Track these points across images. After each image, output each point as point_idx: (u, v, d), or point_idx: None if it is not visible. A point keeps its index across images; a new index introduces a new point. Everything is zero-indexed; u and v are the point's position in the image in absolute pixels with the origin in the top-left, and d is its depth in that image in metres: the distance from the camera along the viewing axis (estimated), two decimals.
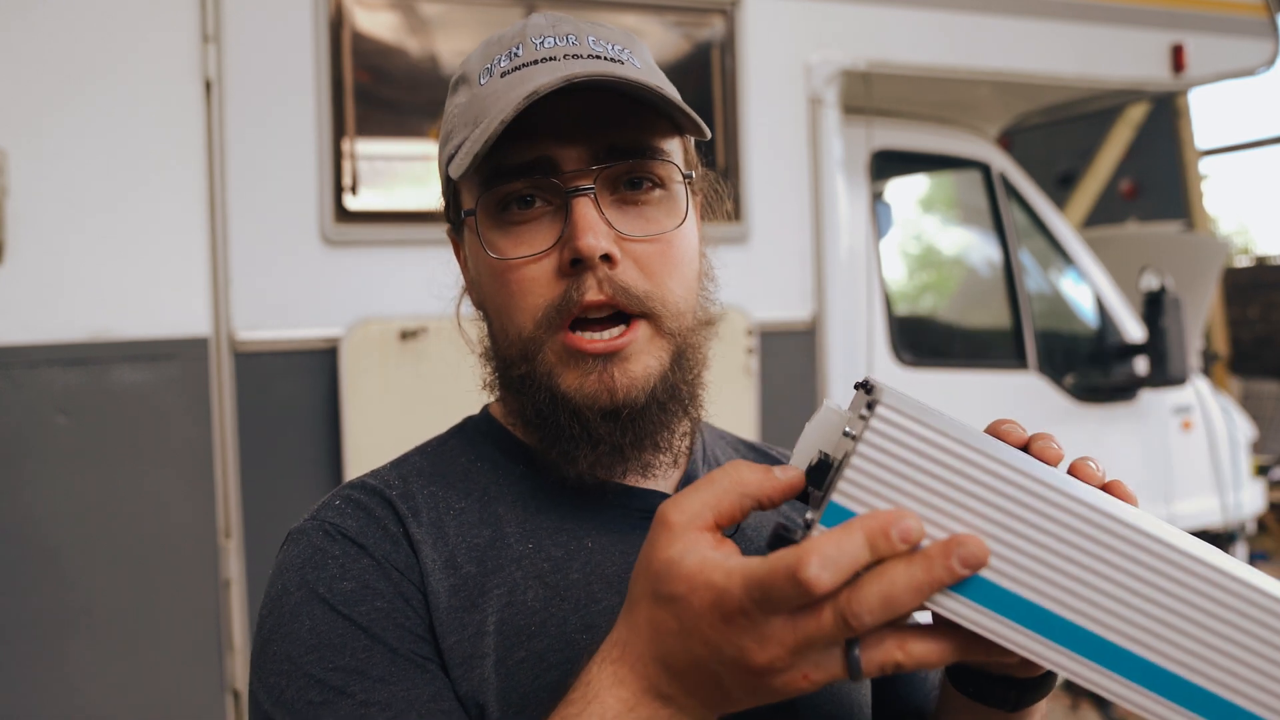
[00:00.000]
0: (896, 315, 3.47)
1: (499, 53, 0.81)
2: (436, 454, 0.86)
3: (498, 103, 0.76)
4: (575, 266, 0.75)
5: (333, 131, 2.42)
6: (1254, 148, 8.41)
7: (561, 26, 0.81)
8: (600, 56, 0.79)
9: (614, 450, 0.78)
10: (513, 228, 0.77)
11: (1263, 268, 8.08)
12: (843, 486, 0.54)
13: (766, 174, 2.89)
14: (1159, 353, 3.51)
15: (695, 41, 2.83)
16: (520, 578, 0.76)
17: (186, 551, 2.32)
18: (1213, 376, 5.97)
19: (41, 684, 2.20)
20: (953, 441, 0.53)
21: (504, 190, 0.77)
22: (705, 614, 0.55)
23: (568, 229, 0.75)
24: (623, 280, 0.76)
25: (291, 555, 0.76)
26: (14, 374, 2.20)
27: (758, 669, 0.54)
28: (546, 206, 0.77)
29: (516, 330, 0.78)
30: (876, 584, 0.51)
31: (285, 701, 0.70)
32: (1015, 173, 3.73)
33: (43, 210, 2.22)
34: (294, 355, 2.42)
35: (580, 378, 0.76)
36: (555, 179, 0.76)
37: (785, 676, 0.54)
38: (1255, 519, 4.59)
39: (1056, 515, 0.54)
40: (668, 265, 0.79)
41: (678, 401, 0.80)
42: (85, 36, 2.25)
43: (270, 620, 0.74)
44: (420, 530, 0.77)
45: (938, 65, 3.14)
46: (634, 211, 0.78)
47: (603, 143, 0.77)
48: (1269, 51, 3.78)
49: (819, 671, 0.54)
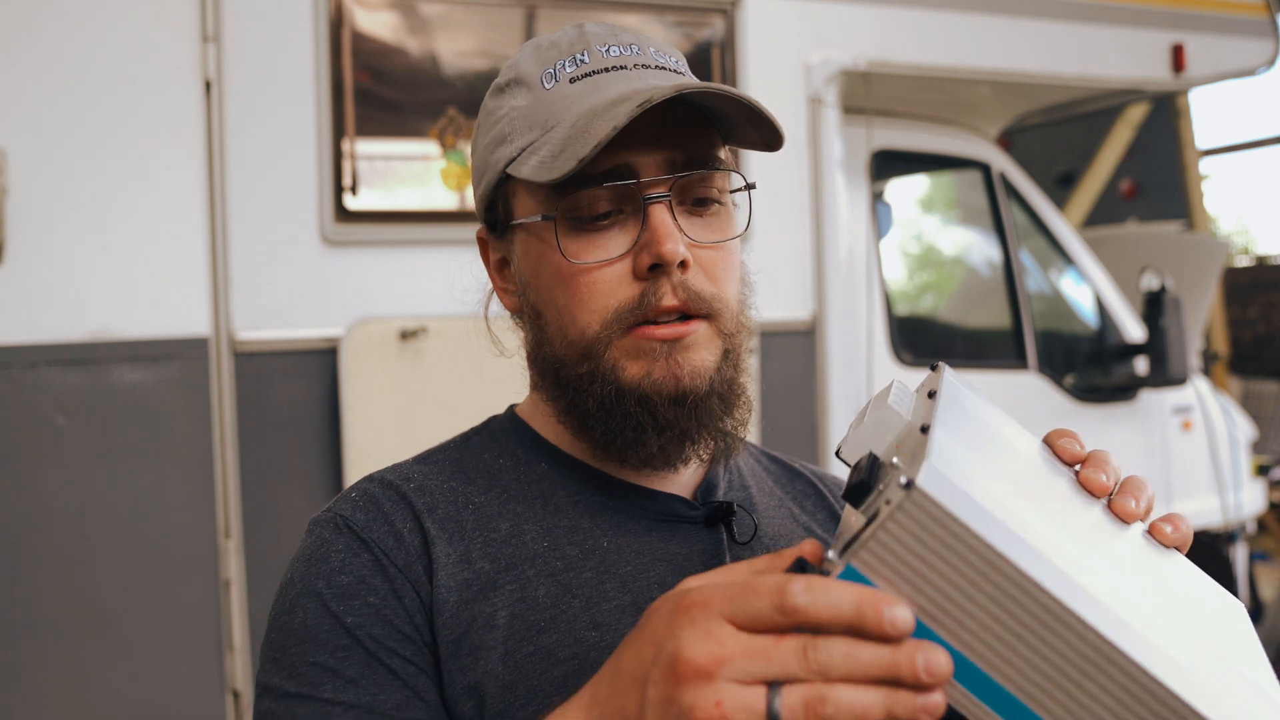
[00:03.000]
0: (896, 315, 3.47)
1: (559, 58, 0.82)
2: (459, 450, 0.87)
3: (571, 109, 0.78)
4: (653, 271, 0.77)
5: (333, 131, 2.42)
6: (1254, 148, 8.40)
7: (623, 36, 0.84)
8: (665, 68, 0.83)
9: (680, 436, 0.79)
10: (586, 233, 0.79)
11: (1263, 268, 8.07)
12: (864, 556, 0.53)
13: (766, 174, 2.89)
14: (1159, 353, 3.51)
15: (695, 41, 2.83)
16: (533, 574, 0.78)
17: (186, 551, 2.32)
18: (1213, 376, 5.97)
19: (41, 684, 2.20)
20: (979, 543, 0.53)
21: (585, 195, 0.78)
22: (663, 607, 0.55)
23: (645, 234, 0.77)
24: (694, 285, 0.78)
25: (305, 545, 0.80)
26: (14, 374, 2.20)
27: (684, 668, 0.51)
28: (618, 215, 0.79)
29: (580, 330, 0.79)
30: (845, 643, 0.51)
31: (268, 687, 0.74)
32: (1015, 173, 3.73)
33: (43, 210, 2.22)
34: (294, 355, 2.42)
35: (647, 366, 0.78)
36: (634, 186, 0.78)
37: (701, 693, 0.51)
38: (1255, 519, 4.59)
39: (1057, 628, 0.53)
40: (729, 270, 0.82)
41: (733, 395, 0.82)
42: (85, 36, 2.25)
43: (276, 606, 0.78)
44: (435, 524, 0.78)
45: (938, 65, 3.14)
46: (700, 220, 0.81)
47: (678, 152, 0.79)
48: (1269, 51, 3.78)
49: (735, 705, 0.50)
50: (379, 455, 0.93)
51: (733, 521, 0.85)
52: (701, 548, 0.83)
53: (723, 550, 0.83)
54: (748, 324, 0.85)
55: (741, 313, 0.84)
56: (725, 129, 0.83)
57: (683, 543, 0.82)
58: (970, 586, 0.53)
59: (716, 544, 0.83)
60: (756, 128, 0.81)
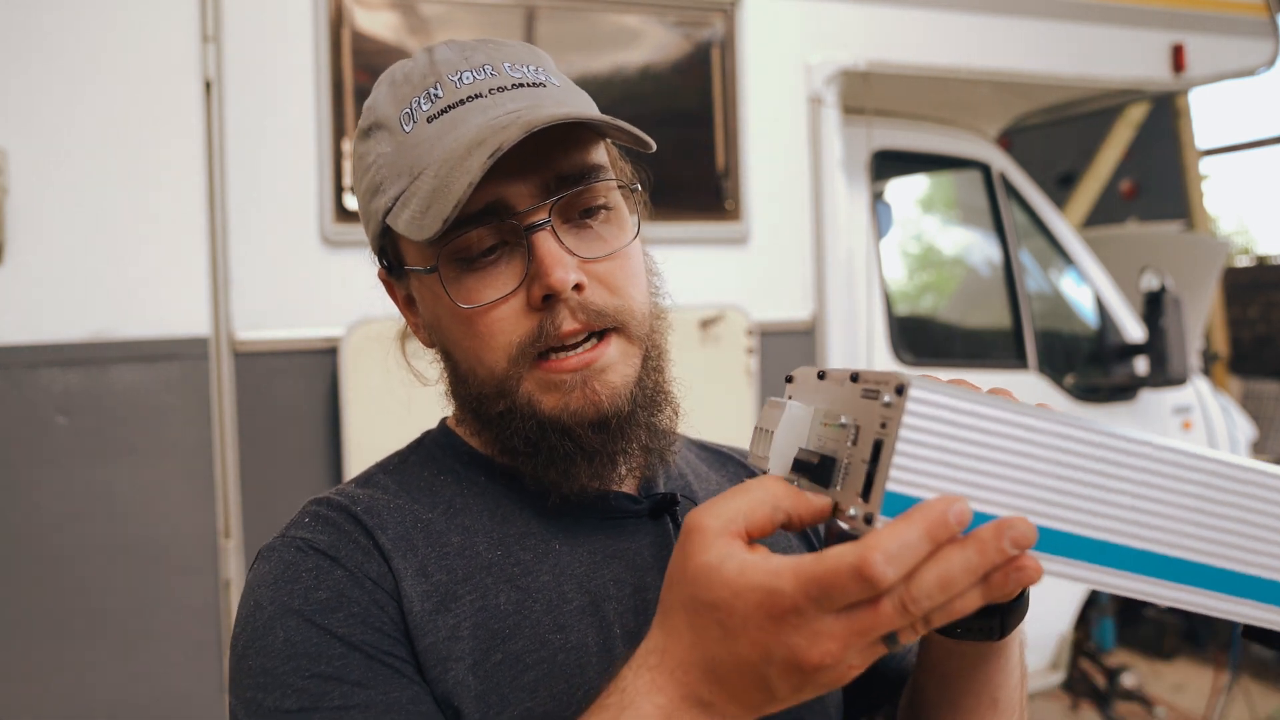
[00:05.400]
0: (896, 315, 3.46)
1: (414, 95, 0.79)
2: (399, 470, 0.87)
3: (432, 152, 0.76)
4: (547, 301, 0.76)
5: (333, 131, 2.42)
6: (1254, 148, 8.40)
7: (475, 57, 0.80)
8: (522, 84, 0.80)
9: (608, 459, 0.79)
10: (474, 273, 0.77)
11: (1263, 268, 8.06)
12: (896, 475, 0.54)
13: (766, 174, 2.89)
14: (1159, 353, 3.51)
15: (695, 41, 2.83)
16: (491, 582, 0.77)
17: (186, 551, 2.32)
18: (1213, 376, 5.97)
19: (41, 684, 2.20)
20: (989, 411, 0.55)
21: (464, 240, 0.76)
22: (752, 616, 0.55)
23: (533, 266, 0.75)
24: (593, 303, 0.77)
25: (262, 572, 0.77)
26: (14, 374, 2.19)
27: (810, 667, 0.54)
28: (504, 247, 0.77)
29: (488, 369, 0.78)
30: (934, 570, 0.52)
31: (264, 712, 0.70)
32: (1015, 173, 3.73)
33: (43, 210, 2.22)
34: (294, 355, 2.42)
35: (563, 398, 0.77)
36: (512, 219, 0.76)
37: (835, 672, 0.54)
38: None
39: (1101, 454, 0.57)
40: (629, 277, 0.80)
41: (658, 400, 0.82)
42: (85, 36, 2.25)
43: (244, 636, 0.74)
44: (389, 541, 0.77)
45: (938, 65, 3.14)
46: (589, 232, 0.79)
47: (549, 174, 0.77)
48: (1269, 51, 3.77)
49: (863, 658, 0.54)
50: (379, 455, 0.93)
51: (676, 511, 0.86)
52: (650, 540, 0.84)
53: (670, 540, 0.84)
54: (661, 317, 0.84)
55: (653, 311, 0.83)
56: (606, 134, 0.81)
57: (631, 537, 0.83)
58: (999, 457, 0.55)
59: (664, 535, 0.85)
60: (622, 132, 0.79)
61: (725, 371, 2.73)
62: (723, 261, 2.82)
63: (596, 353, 0.77)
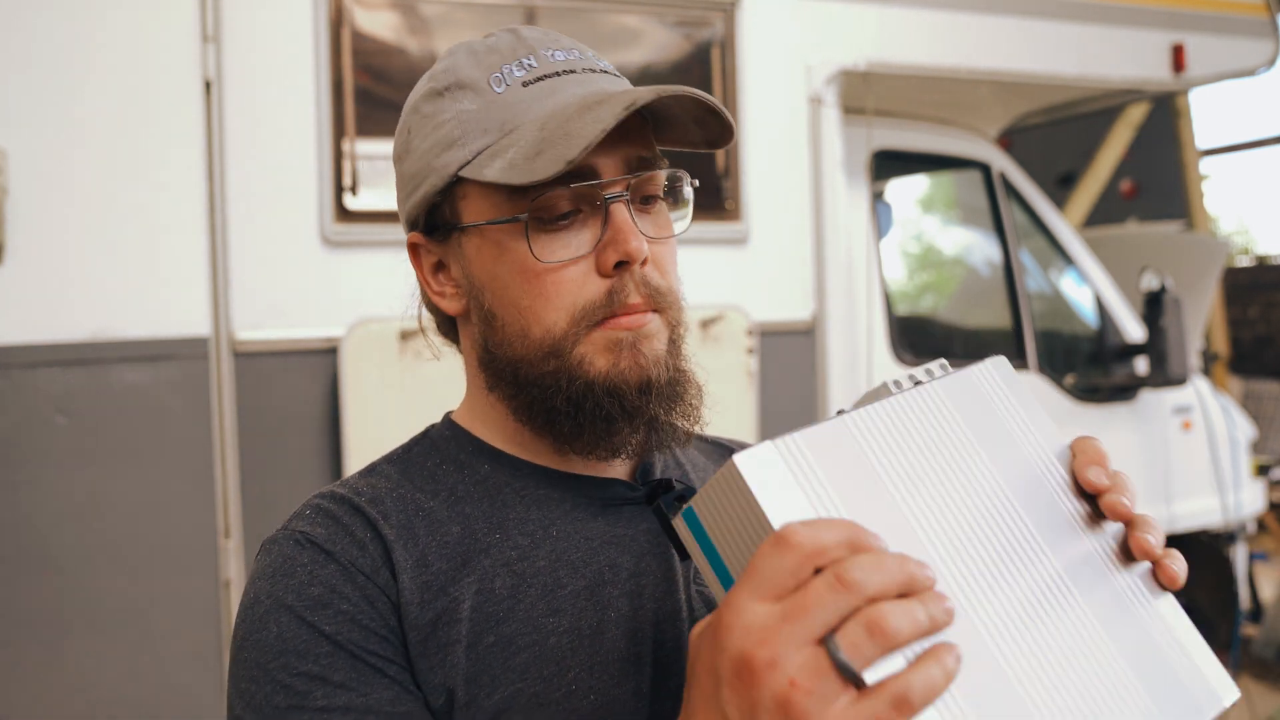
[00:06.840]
0: (896, 315, 3.47)
1: (504, 62, 0.83)
2: (403, 461, 0.89)
3: (529, 111, 0.80)
4: (618, 268, 0.80)
5: (333, 131, 2.42)
6: (1254, 148, 8.40)
7: (562, 40, 0.86)
8: (608, 72, 0.86)
9: (649, 422, 0.83)
10: (553, 232, 0.81)
11: (1263, 268, 8.06)
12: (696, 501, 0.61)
13: (766, 174, 2.89)
14: (1159, 353, 3.51)
15: (695, 41, 2.83)
16: (489, 566, 0.80)
17: (186, 551, 2.32)
18: (1213, 376, 5.97)
19: (41, 684, 2.20)
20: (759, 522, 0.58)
21: (548, 199, 0.80)
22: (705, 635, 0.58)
23: (609, 233, 0.80)
24: (652, 280, 0.82)
25: (263, 564, 0.80)
26: (14, 374, 2.20)
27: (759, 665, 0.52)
28: (577, 215, 0.81)
29: (545, 329, 0.81)
30: (866, 554, 0.52)
31: (255, 705, 0.74)
32: (1015, 173, 3.73)
33: (43, 210, 2.22)
34: (294, 355, 2.42)
35: (614, 359, 0.81)
36: (597, 187, 0.80)
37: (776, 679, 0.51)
38: (1255, 519, 4.59)
39: None
40: (673, 262, 0.86)
41: (683, 381, 0.86)
42: (85, 36, 2.25)
43: (243, 628, 0.78)
44: (391, 531, 0.80)
45: (938, 65, 3.14)
46: (649, 216, 0.84)
47: (633, 152, 0.82)
48: (1269, 51, 3.78)
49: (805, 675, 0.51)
50: (379, 455, 0.94)
51: (661, 503, 0.87)
52: (647, 526, 0.86)
53: (657, 526, 0.86)
54: (685, 314, 0.89)
55: (682, 304, 0.88)
56: (664, 129, 0.87)
57: (628, 524, 0.85)
58: None
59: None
60: (703, 127, 0.84)
61: (725, 371, 2.73)
62: (723, 261, 2.82)
63: (648, 318, 0.82)
